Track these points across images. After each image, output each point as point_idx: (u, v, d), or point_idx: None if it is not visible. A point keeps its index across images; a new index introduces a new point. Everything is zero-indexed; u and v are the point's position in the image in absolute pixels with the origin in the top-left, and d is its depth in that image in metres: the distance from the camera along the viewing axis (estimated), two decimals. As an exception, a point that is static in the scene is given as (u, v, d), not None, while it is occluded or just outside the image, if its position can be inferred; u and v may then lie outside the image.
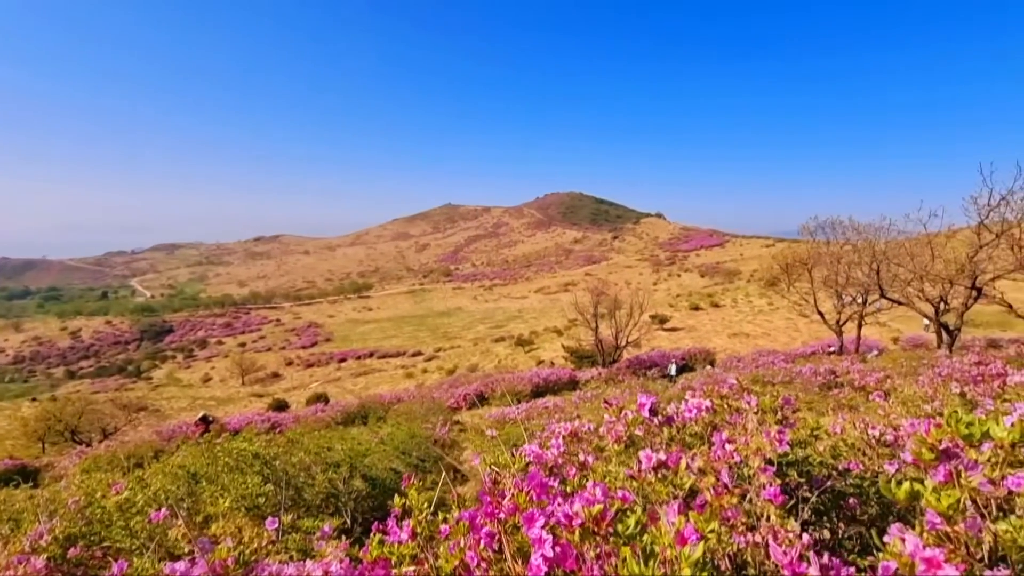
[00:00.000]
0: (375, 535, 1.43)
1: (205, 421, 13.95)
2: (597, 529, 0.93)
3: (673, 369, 20.78)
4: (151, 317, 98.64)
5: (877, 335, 25.92)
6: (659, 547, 0.82)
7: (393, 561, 1.36)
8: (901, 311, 20.43)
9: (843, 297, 20.22)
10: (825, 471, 2.07)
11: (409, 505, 1.45)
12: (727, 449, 1.58)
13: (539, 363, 31.26)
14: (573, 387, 20.18)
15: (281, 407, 27.61)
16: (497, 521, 1.18)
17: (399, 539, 1.37)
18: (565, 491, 1.55)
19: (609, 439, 1.97)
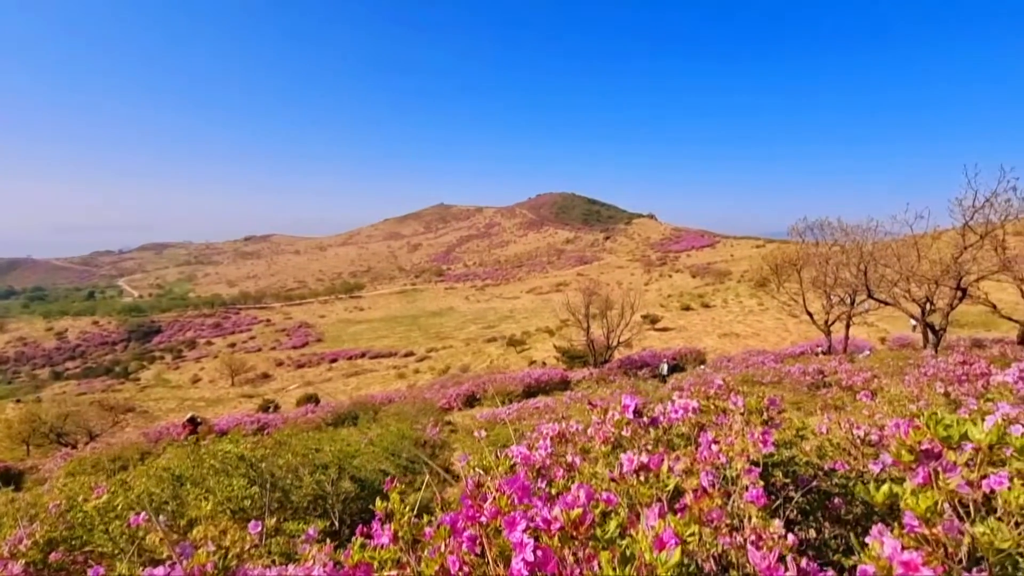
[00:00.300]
0: (357, 539, 1.41)
1: (193, 422, 13.78)
2: (576, 534, 0.92)
3: (664, 369, 20.86)
4: (139, 317, 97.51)
5: (865, 335, 26.19)
6: (636, 552, 0.81)
7: (375, 566, 1.34)
8: (888, 311, 20.66)
9: (832, 297, 20.43)
10: (811, 471, 2.08)
11: (391, 509, 1.43)
12: (712, 450, 1.58)
13: (531, 363, 31.28)
14: (565, 387, 20.21)
15: (271, 408, 27.40)
16: (479, 525, 1.17)
17: (380, 543, 1.35)
18: (549, 493, 1.54)
19: (597, 440, 1.96)
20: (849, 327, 20.60)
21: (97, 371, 66.09)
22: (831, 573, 0.92)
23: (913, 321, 18.58)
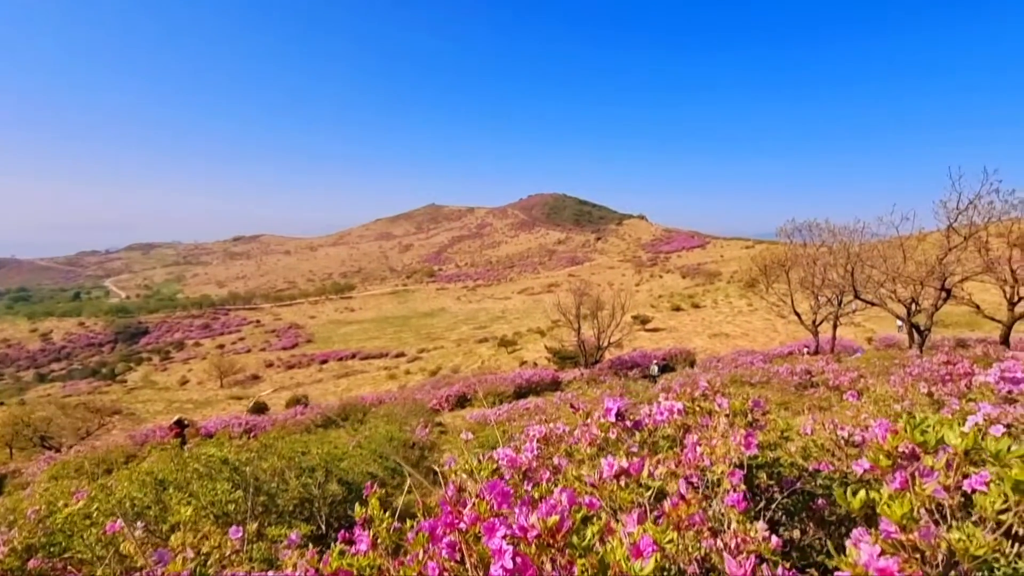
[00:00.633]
0: (336, 545, 1.39)
1: (180, 425, 13.58)
2: (552, 542, 0.90)
3: (655, 369, 20.94)
4: (126, 318, 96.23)
5: (852, 335, 26.48)
6: (612, 560, 0.80)
7: (354, 573, 1.32)
8: (875, 312, 20.92)
9: (819, 298, 20.66)
10: (795, 472, 2.08)
11: (370, 514, 1.41)
12: (697, 452, 1.57)
13: (522, 364, 31.28)
14: (556, 388, 20.22)
15: (260, 410, 27.14)
16: (458, 531, 1.15)
17: (358, 550, 1.33)
18: (532, 498, 1.53)
19: (583, 442, 1.95)
20: (836, 327, 20.85)
21: (83, 373, 65.13)
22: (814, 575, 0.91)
23: (899, 321, 18.83)
